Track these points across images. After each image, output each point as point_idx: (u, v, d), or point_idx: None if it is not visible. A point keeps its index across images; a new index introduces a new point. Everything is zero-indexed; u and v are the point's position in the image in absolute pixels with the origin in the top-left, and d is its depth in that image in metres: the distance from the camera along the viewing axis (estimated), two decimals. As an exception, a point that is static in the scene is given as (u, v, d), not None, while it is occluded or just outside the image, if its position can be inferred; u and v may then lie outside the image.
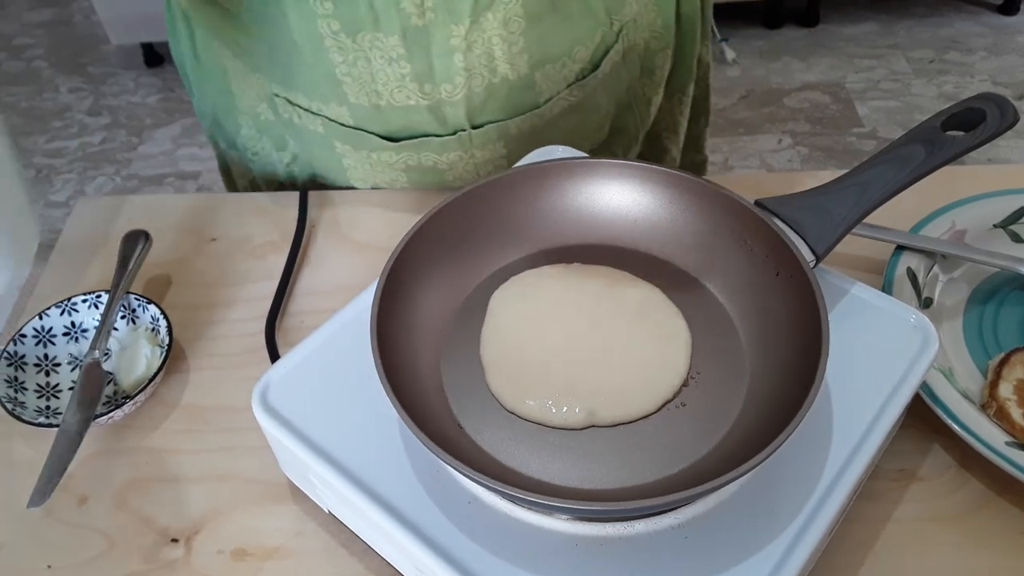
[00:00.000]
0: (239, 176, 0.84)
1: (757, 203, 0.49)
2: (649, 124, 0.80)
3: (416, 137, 0.67)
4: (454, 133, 0.67)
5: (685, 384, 0.46)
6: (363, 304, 0.52)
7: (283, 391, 0.48)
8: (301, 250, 0.68)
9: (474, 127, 0.67)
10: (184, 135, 2.19)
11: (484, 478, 0.38)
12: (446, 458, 0.39)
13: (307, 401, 0.48)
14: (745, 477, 0.42)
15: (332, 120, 0.68)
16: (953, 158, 0.50)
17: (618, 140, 0.79)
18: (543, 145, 0.60)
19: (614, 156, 0.73)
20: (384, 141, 0.68)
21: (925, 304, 0.59)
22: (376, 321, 0.44)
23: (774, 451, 0.38)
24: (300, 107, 0.68)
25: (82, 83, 2.44)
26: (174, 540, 0.51)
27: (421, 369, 0.47)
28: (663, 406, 0.45)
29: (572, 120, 0.72)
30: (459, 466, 0.39)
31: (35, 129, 2.27)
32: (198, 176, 2.06)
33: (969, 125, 0.51)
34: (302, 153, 0.75)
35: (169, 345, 0.57)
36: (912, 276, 0.60)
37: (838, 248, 0.49)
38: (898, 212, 0.57)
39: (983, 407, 0.53)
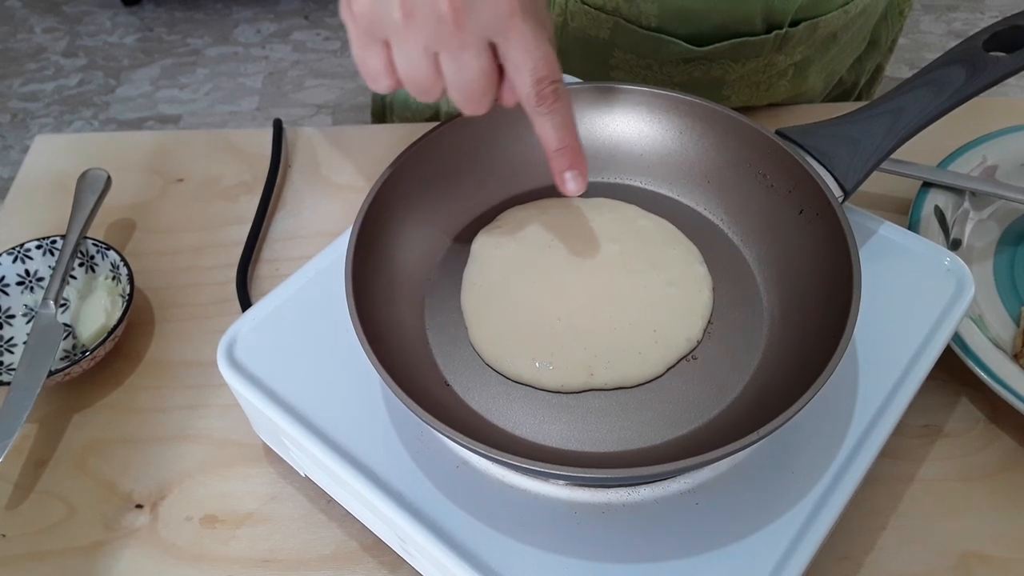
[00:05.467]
0: (402, 109, 0.78)
1: (778, 132, 0.44)
2: (892, 37, 0.77)
3: (725, 39, 0.62)
4: (769, 31, 0.62)
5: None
6: (340, 250, 0.47)
7: (252, 345, 0.44)
8: (276, 192, 0.62)
9: (792, 24, 0.63)
10: (163, 76, 2.11)
11: (472, 442, 0.34)
12: (430, 420, 0.34)
13: (278, 356, 0.43)
14: (764, 438, 0.37)
15: (628, 22, 0.61)
16: (995, 81, 0.45)
17: (870, 55, 0.76)
18: (832, 56, 0.55)
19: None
20: (682, 47, 0.62)
21: (953, 245, 0.55)
22: (352, 267, 0.40)
23: (798, 411, 0.34)
24: (591, 5, 0.62)
25: (57, 23, 2.34)
26: (139, 506, 0.47)
27: (404, 321, 0.42)
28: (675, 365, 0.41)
29: (856, 24, 0.68)
30: (445, 429, 0.34)
31: (9, 72, 2.18)
32: (179, 120, 1.98)
33: (1013, 45, 0.46)
34: None
35: (130, 294, 0.52)
36: (940, 215, 0.55)
37: (857, 185, 0.44)
38: (925, 146, 0.53)
39: (1015, 357, 0.49)
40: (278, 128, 0.65)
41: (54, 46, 2.26)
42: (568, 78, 0.55)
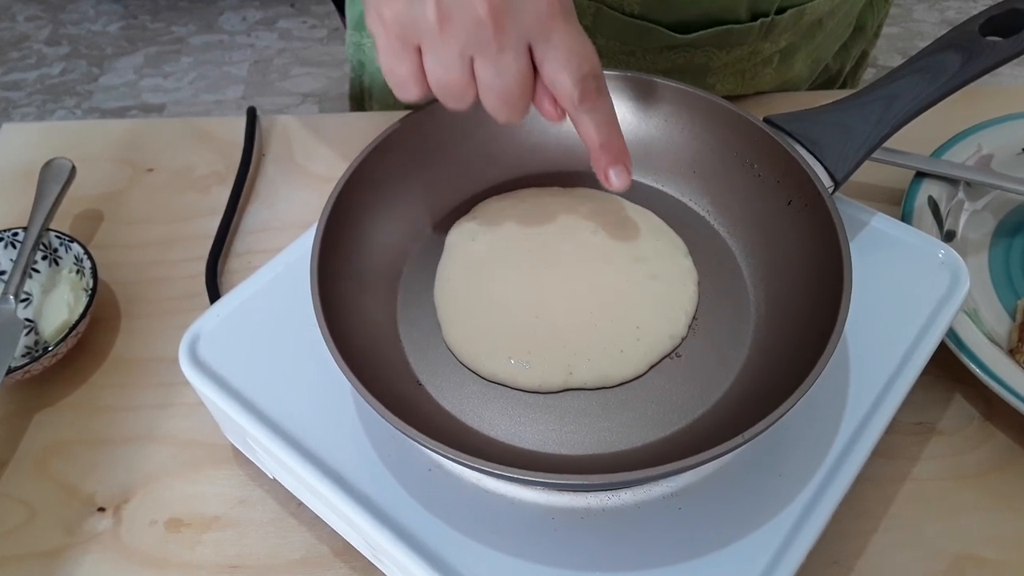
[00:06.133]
0: (382, 95, 0.75)
1: (767, 120, 0.42)
2: (878, 23, 0.76)
3: (709, 27, 0.60)
4: (754, 19, 0.60)
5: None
6: (311, 242, 0.45)
7: (216, 342, 0.42)
8: (248, 181, 0.60)
9: (778, 12, 0.61)
10: (147, 65, 2.07)
11: (442, 447, 0.32)
12: (397, 423, 0.33)
13: (244, 354, 0.41)
14: (750, 440, 0.36)
15: (611, 8, 0.60)
16: (992, 67, 0.44)
17: (856, 41, 0.74)
18: (818, 43, 0.56)
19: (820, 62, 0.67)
20: (666, 35, 0.60)
21: (947, 237, 0.53)
22: (318, 261, 0.38)
23: (786, 411, 0.33)
24: None
25: (40, 11, 2.30)
26: (101, 509, 0.45)
27: (374, 318, 0.41)
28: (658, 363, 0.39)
29: (842, 10, 0.67)
30: (413, 433, 0.32)
31: (-9, 60, 2.15)
32: (162, 109, 1.95)
33: (1009, 30, 0.44)
34: None
35: (93, 288, 0.50)
36: (934, 206, 0.53)
37: (848, 175, 0.42)
38: (918, 134, 0.51)
39: (1011, 352, 0.47)
40: (252, 116, 0.63)
41: (37, 34, 2.23)
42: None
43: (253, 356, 0.41)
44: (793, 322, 0.39)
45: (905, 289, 0.42)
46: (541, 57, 0.35)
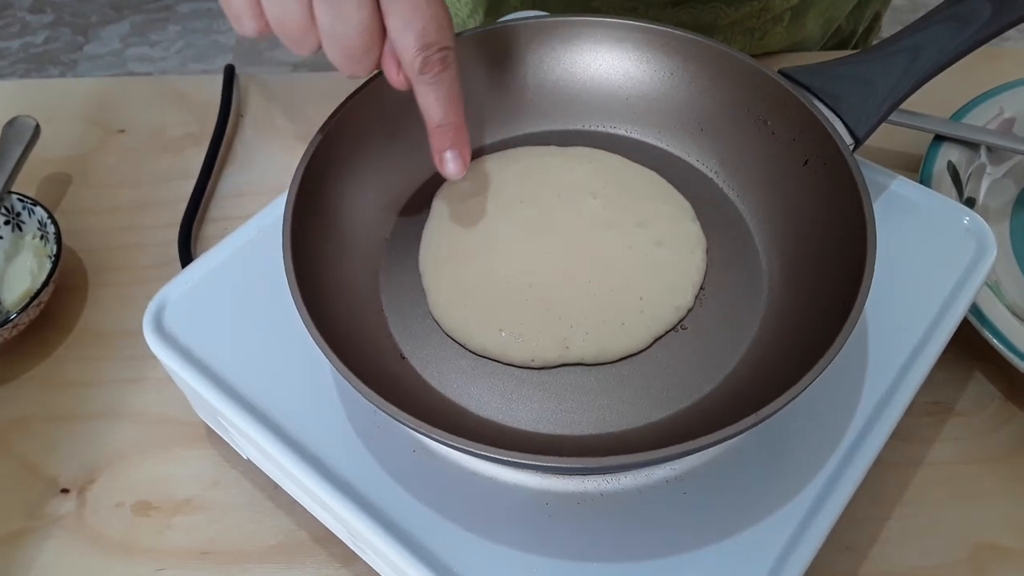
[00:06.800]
0: None
1: (782, 73, 0.39)
2: None
3: None
4: None
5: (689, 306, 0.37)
6: (288, 205, 0.42)
7: (184, 312, 0.39)
8: (225, 143, 0.57)
9: None
10: (133, 33, 2.02)
11: (425, 426, 0.29)
12: (376, 400, 0.30)
13: (214, 325, 0.38)
14: (761, 419, 0.33)
15: None
16: (1026, 18, 0.40)
17: (869, 1, 0.71)
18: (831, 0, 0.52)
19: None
20: None
21: (967, 204, 0.50)
22: (291, 224, 0.35)
23: (802, 391, 0.30)
24: None
25: (23, -23, 2.24)
26: (65, 490, 0.43)
27: (355, 286, 0.38)
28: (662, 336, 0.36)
29: None
30: (394, 411, 0.29)
31: (-28, 28, 2.09)
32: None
33: (1045, -23, 0.41)
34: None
35: (57, 255, 0.47)
36: (953, 171, 0.50)
37: (861, 138, 0.39)
38: (937, 96, 0.49)
39: (1035, 327, 0.44)
40: (229, 74, 0.60)
41: (20, 2, 2.17)
42: (543, 15, 0.49)
43: (224, 327, 0.38)
44: (809, 293, 0.36)
45: (927, 258, 0.39)
46: (386, 11, 0.32)
